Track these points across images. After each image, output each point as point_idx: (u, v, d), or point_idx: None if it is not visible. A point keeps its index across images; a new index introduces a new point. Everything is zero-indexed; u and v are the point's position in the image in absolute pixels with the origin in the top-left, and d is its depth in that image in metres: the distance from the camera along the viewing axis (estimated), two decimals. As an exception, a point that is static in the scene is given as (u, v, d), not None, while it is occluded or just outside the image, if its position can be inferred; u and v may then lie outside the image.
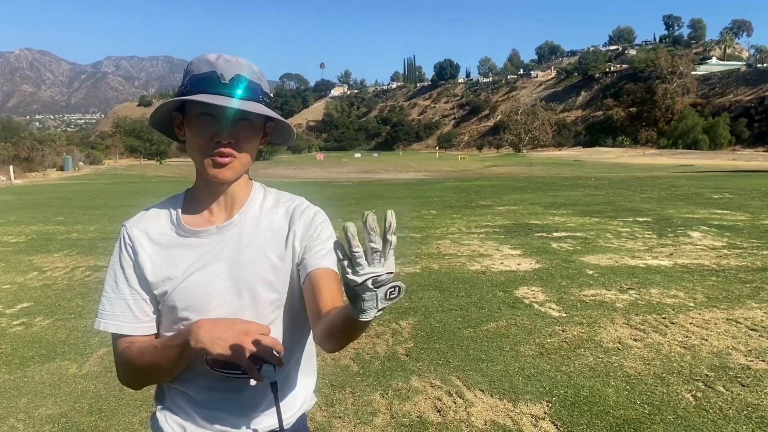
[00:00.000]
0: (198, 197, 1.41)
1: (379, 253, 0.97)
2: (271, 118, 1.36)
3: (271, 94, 1.42)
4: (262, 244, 1.38)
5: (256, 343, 1.18)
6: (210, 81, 1.26)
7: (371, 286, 0.98)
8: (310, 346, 1.52)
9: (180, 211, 1.40)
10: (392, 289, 1.01)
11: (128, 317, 1.35)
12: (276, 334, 1.38)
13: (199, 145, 1.30)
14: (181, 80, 1.34)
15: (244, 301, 1.35)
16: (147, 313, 1.36)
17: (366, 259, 0.97)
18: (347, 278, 0.98)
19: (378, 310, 1.02)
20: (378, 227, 0.96)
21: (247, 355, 1.17)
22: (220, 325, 1.22)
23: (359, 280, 0.97)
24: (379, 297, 1.00)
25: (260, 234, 1.39)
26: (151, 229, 1.38)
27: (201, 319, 1.27)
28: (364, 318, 1.02)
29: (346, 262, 0.98)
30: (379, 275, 0.98)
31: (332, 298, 1.30)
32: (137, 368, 1.34)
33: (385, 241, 0.97)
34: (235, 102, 1.25)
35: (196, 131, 1.30)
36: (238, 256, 1.36)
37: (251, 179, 1.46)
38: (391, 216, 0.95)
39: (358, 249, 0.97)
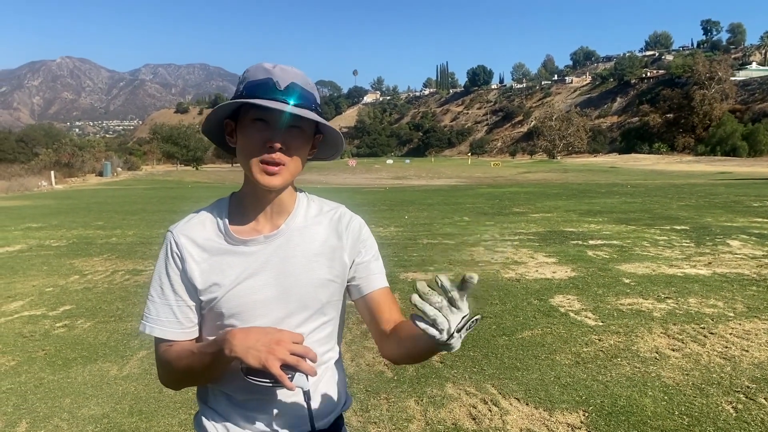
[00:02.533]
0: (244, 204, 1.43)
1: (456, 304, 1.07)
2: (319, 131, 1.39)
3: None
4: (308, 254, 1.41)
5: (288, 352, 1.20)
6: (266, 87, 1.29)
7: (456, 335, 1.08)
8: (337, 347, 1.54)
9: (227, 219, 1.41)
10: (473, 323, 1.10)
11: (173, 323, 1.38)
12: (320, 341, 1.44)
13: (250, 149, 1.32)
14: (236, 87, 1.36)
15: (290, 309, 1.38)
16: (191, 319, 1.39)
17: (445, 317, 1.07)
18: (436, 340, 1.08)
19: (461, 339, 1.11)
20: (449, 282, 1.06)
21: (279, 364, 1.18)
22: (253, 333, 1.24)
23: (445, 337, 1.07)
24: (462, 336, 1.10)
25: (306, 244, 1.41)
26: (198, 236, 1.39)
27: (235, 328, 1.30)
28: (454, 350, 1.12)
29: (430, 329, 1.07)
30: (459, 325, 1.08)
31: (391, 316, 1.44)
32: (175, 371, 1.38)
33: (461, 291, 1.07)
34: (289, 107, 1.27)
35: (248, 136, 1.32)
36: (285, 266, 1.38)
37: (296, 189, 1.48)
38: (472, 278, 1.05)
39: (434, 313, 1.06)
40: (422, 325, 1.08)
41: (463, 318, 1.08)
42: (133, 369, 4.74)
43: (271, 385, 1.21)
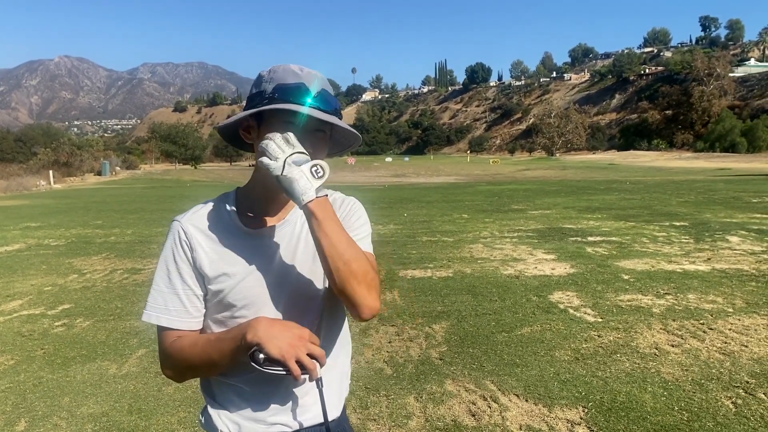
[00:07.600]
0: (252, 197, 1.44)
1: (286, 139, 1.25)
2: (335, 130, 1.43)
3: None
4: (311, 243, 1.40)
5: (306, 352, 1.24)
6: (300, 92, 1.31)
7: (293, 165, 1.23)
8: (345, 335, 1.55)
9: (235, 209, 1.43)
10: (315, 167, 1.25)
11: (181, 312, 1.38)
12: (328, 331, 1.46)
13: None
14: (258, 85, 1.37)
15: (295, 297, 1.40)
16: (198, 308, 1.39)
17: (278, 146, 1.24)
18: (272, 172, 1.23)
19: (315, 189, 1.24)
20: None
21: (296, 360, 1.22)
22: (277, 324, 1.27)
23: (280, 162, 1.23)
24: (306, 175, 1.23)
25: (307, 233, 1.41)
26: (205, 226, 1.40)
27: (260, 316, 1.31)
28: (307, 199, 1.23)
29: (265, 158, 1.24)
30: (292, 154, 1.24)
31: None
32: (187, 360, 1.36)
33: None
34: (326, 116, 1.30)
35: None
36: (291, 255, 1.40)
37: None
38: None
39: (266, 140, 1.25)
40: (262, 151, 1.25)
41: (297, 152, 1.24)
42: (132, 367, 4.73)
43: (285, 373, 1.24)
